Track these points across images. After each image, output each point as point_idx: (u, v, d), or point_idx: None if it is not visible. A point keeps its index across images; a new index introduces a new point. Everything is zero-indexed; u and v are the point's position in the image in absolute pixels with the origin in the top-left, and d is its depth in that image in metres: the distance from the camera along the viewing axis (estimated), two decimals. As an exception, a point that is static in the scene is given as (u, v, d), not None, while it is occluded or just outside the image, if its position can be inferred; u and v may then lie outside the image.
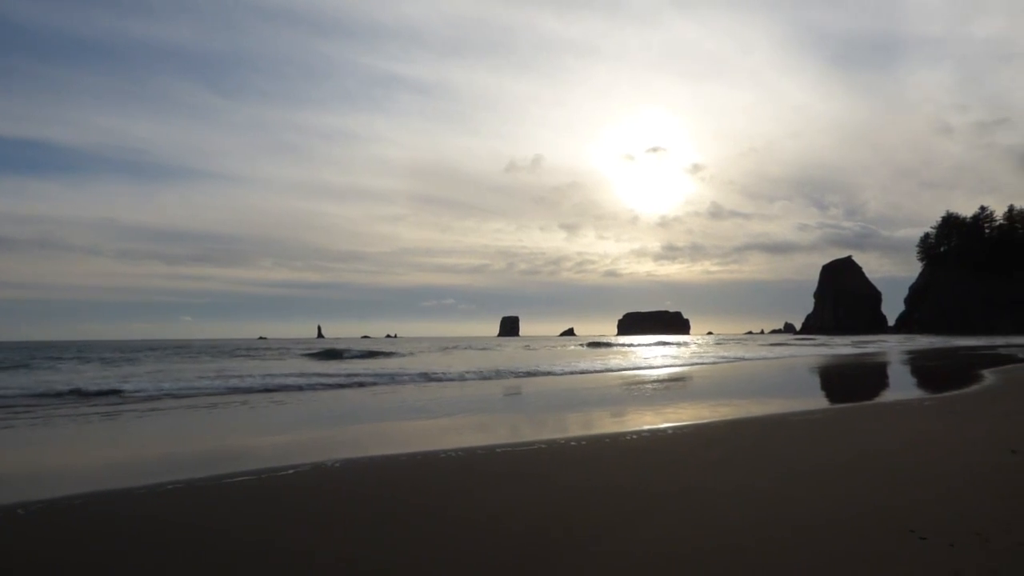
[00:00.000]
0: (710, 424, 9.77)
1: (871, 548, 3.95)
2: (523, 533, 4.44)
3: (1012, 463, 6.30)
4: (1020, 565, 3.58)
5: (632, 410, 12.15)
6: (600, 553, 4.01)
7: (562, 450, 7.62)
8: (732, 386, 18.20)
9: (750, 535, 4.28)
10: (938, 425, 9.08)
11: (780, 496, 5.29)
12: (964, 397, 13.04)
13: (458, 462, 7.02)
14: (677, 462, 6.85)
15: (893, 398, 14.26)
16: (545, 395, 15.80)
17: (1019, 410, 10.48)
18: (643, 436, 8.52)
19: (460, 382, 19.59)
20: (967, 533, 4.15)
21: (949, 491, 5.31)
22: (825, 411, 11.60)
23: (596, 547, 4.13)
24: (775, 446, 7.74)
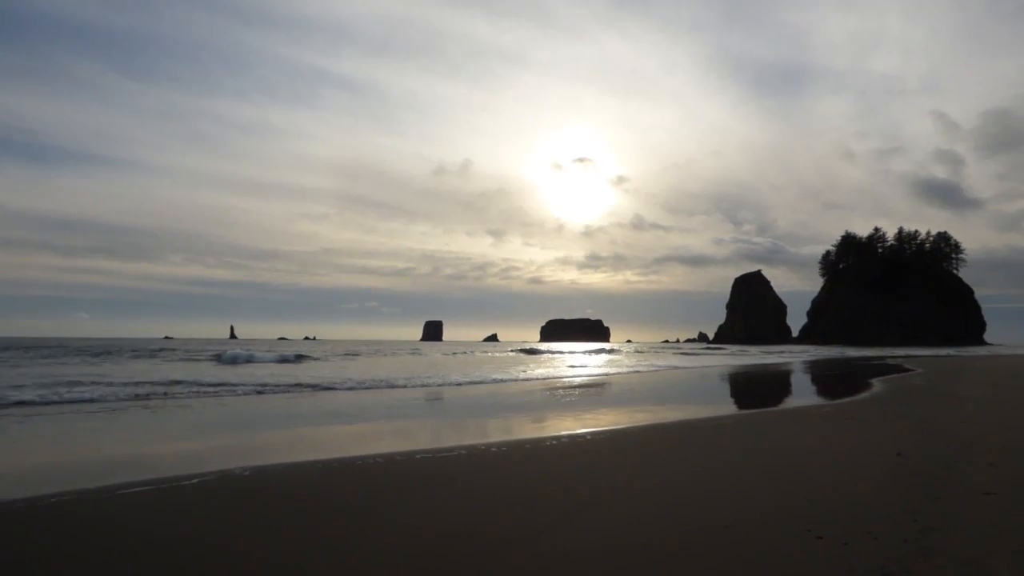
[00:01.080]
0: (627, 430, 10.01)
1: (773, 547, 4.14)
2: (443, 539, 4.36)
3: (898, 465, 6.80)
4: (906, 561, 3.84)
5: (553, 416, 12.28)
6: (523, 555, 4.01)
7: (483, 456, 7.58)
8: (649, 393, 18.77)
9: (663, 535, 4.39)
10: (835, 430, 9.69)
11: (692, 498, 5.47)
12: (856, 404, 14.01)
13: (377, 468, 6.84)
14: (595, 466, 6.96)
15: (795, 405, 15.13)
16: (468, 402, 15.71)
17: (904, 416, 11.36)
18: (563, 441, 8.61)
19: (377, 390, 19.18)
20: (860, 532, 4.42)
21: (844, 492, 5.65)
22: (734, 417, 12.16)
23: (520, 549, 4.12)
24: (688, 450, 8.01)
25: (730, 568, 3.80)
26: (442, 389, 18.92)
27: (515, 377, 24.58)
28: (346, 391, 17.43)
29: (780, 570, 3.76)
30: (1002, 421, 10.44)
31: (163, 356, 41.58)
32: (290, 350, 56.12)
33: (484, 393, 17.70)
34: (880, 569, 3.72)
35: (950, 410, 12.28)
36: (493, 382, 22.14)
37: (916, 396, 15.77)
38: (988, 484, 5.79)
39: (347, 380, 20.89)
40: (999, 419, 10.71)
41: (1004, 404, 13.36)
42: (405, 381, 21.40)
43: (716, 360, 48.09)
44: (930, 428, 9.66)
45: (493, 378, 24.12)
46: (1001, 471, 6.36)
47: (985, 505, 5.12)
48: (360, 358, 43.69)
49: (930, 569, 3.72)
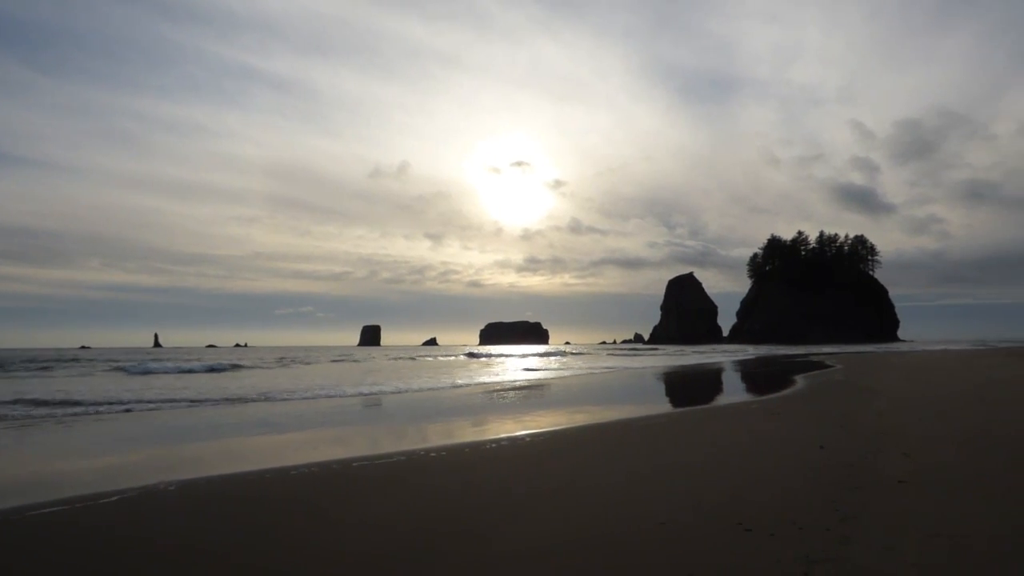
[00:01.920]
0: (566, 430, 10.12)
1: (706, 541, 4.27)
2: (381, 545, 4.28)
3: (821, 457, 7.14)
4: (828, 549, 4.04)
5: (494, 420, 12.28)
6: (465, 556, 3.97)
7: (422, 461, 7.49)
8: (588, 394, 19.05)
9: (602, 533, 4.45)
10: (762, 426, 10.10)
11: (629, 496, 5.57)
12: (781, 400, 14.67)
13: (312, 477, 6.65)
14: (535, 467, 7.00)
15: (725, 402, 15.70)
16: (408, 408, 15.50)
17: (825, 410, 11.97)
18: (502, 444, 8.62)
19: (313, 400, 18.68)
20: (785, 522, 4.61)
21: (771, 485, 5.90)
22: (669, 415, 12.49)
23: (461, 551, 4.09)
24: (625, 450, 8.16)
25: (666, 563, 3.89)
26: (381, 396, 18.59)
27: (456, 382, 24.45)
28: (280, 401, 16.82)
29: (713, 562, 3.88)
30: (914, 413, 11.15)
31: (66, 368, 37.79)
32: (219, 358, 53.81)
33: (425, 399, 17.52)
34: (804, 557, 3.90)
35: (867, 404, 13.02)
36: (432, 389, 21.94)
37: (837, 391, 16.65)
38: (901, 473, 6.17)
39: (277, 390, 20.23)
40: (911, 411, 11.44)
41: (916, 397, 14.27)
42: (342, 388, 20.93)
43: (652, 361, 49.33)
44: (849, 421, 10.21)
45: (434, 384, 23.91)
46: (913, 461, 6.79)
47: (898, 493, 5.45)
48: (295, 365, 42.41)
49: (848, 555, 3.92)
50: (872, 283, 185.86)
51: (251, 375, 30.39)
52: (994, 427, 9.18)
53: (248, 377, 28.47)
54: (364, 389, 20.00)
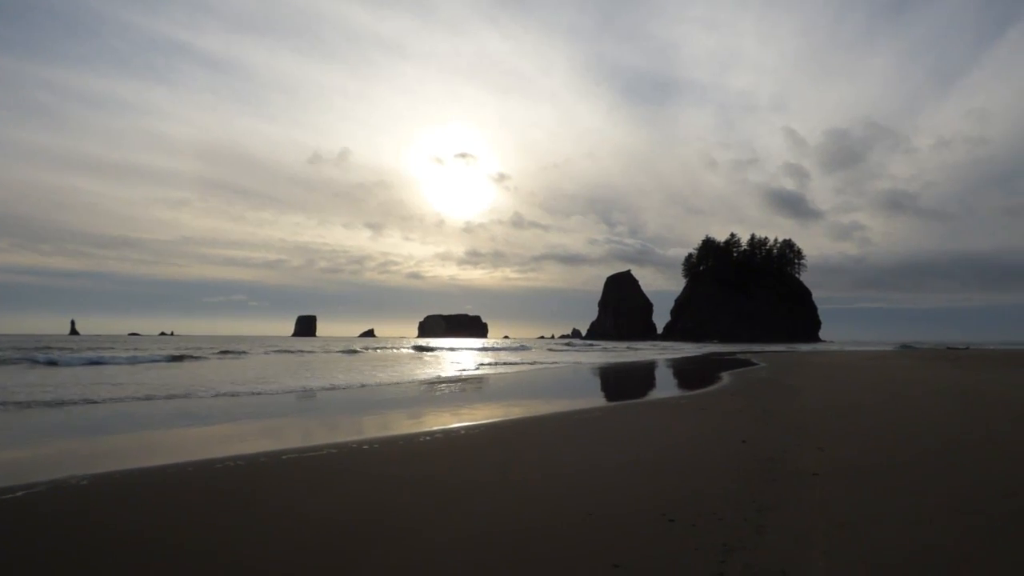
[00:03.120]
0: (501, 423, 10.19)
1: (631, 531, 4.40)
2: (310, 536, 4.20)
3: (743, 451, 7.47)
4: (745, 538, 4.24)
5: (430, 412, 12.23)
6: (396, 549, 3.95)
7: (353, 454, 7.38)
8: (526, 388, 19.22)
9: (532, 524, 4.52)
10: (689, 420, 10.47)
11: (559, 488, 5.67)
12: (709, 395, 15.24)
13: (238, 471, 6.44)
14: (469, 460, 7.02)
15: (656, 397, 16.17)
16: (345, 401, 15.23)
17: (748, 406, 12.52)
18: (437, 437, 8.60)
19: (243, 397, 18.08)
20: (707, 513, 4.81)
21: (695, 478, 6.13)
22: (602, 409, 12.73)
23: (393, 544, 4.05)
24: (557, 442, 8.30)
25: (591, 553, 3.99)
26: (319, 390, 18.17)
27: (397, 376, 24.19)
28: (211, 398, 16.17)
29: (637, 552, 4.00)
30: (829, 409, 11.80)
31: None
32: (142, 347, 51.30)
33: (364, 393, 17.25)
34: (722, 546, 4.08)
35: (788, 400, 13.70)
36: (365, 386, 21.63)
37: (760, 388, 17.42)
38: (816, 466, 6.53)
39: (202, 385, 19.48)
40: (827, 408, 12.10)
41: (832, 395, 15.11)
42: (282, 382, 20.34)
43: (590, 356, 50.22)
44: (771, 417, 10.72)
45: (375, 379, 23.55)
46: (827, 454, 7.19)
47: (812, 485, 5.77)
48: (228, 358, 40.87)
49: (763, 544, 4.13)
50: (798, 285, 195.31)
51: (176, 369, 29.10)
52: (900, 424, 9.83)
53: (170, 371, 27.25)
54: (304, 383, 19.49)
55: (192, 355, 36.66)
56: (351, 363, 31.73)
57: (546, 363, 34.91)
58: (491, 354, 49.66)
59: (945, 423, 9.82)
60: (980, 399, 13.45)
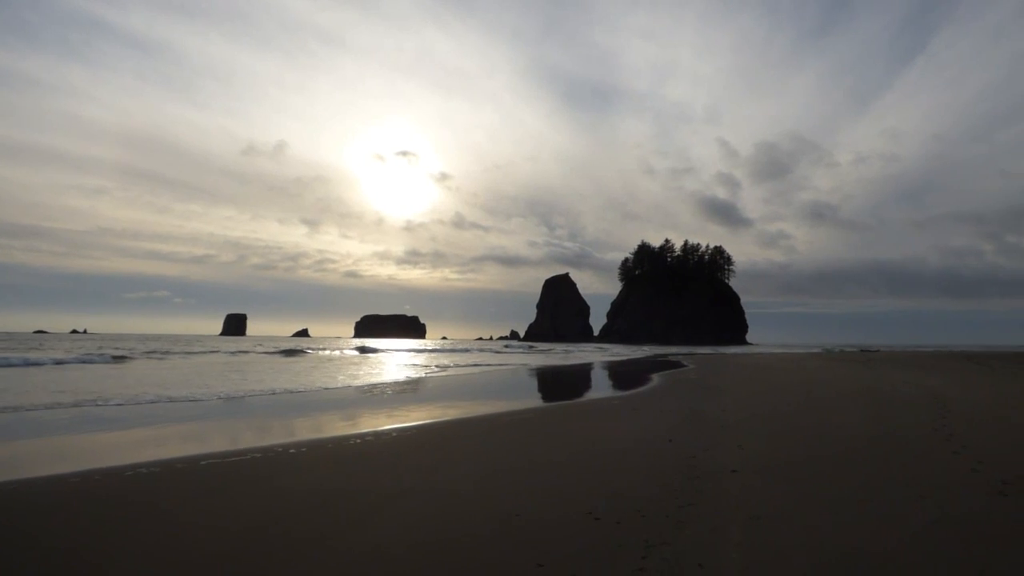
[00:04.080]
0: (434, 425, 10.11)
1: (557, 530, 4.46)
2: (217, 546, 4.03)
3: (668, 450, 7.70)
4: (665, 534, 4.36)
5: (364, 415, 12.00)
6: (323, 554, 3.84)
7: (279, 458, 7.16)
8: (462, 390, 19.16)
9: (463, 526, 4.51)
10: (620, 420, 10.70)
11: (490, 489, 5.68)
12: (639, 396, 15.64)
13: (151, 477, 6.12)
14: (400, 462, 6.93)
15: (590, 398, 16.45)
16: (276, 404, 14.73)
17: (676, 407, 12.91)
18: (367, 440, 8.45)
19: (150, 404, 17.20)
20: (631, 511, 4.93)
21: (622, 476, 6.26)
22: (536, 411, 12.84)
23: (319, 548, 3.95)
24: (490, 444, 8.31)
25: (517, 555, 4.02)
26: (248, 394, 17.51)
27: (334, 378, 23.60)
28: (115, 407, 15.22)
29: (561, 552, 4.06)
30: (750, 409, 12.32)
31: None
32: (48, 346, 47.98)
33: (296, 397, 16.74)
34: (644, 542, 4.19)
35: (713, 400, 14.21)
36: (298, 392, 21.01)
37: (688, 389, 18.01)
38: (735, 463, 6.80)
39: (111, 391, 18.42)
40: (748, 407, 12.63)
41: (754, 394, 15.77)
42: (201, 389, 19.46)
43: (527, 358, 50.57)
44: (696, 416, 11.09)
45: (305, 382, 22.91)
46: (745, 452, 7.50)
47: (730, 481, 6.01)
48: (135, 360, 38.78)
49: (682, 538, 4.27)
50: (727, 290, 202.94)
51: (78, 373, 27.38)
52: (814, 422, 10.36)
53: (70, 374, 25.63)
54: (235, 387, 18.70)
55: (97, 356, 34.33)
56: (289, 365, 30.75)
57: (483, 365, 34.93)
58: (430, 356, 49.25)
59: (854, 421, 10.42)
60: (886, 398, 14.35)
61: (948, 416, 10.76)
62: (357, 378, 22.44)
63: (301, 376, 22.67)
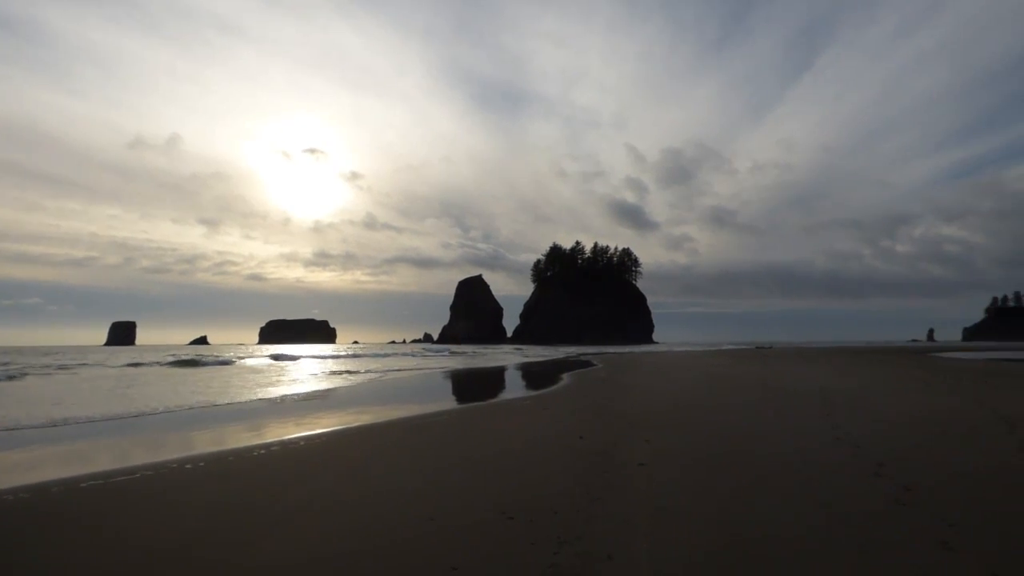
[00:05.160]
0: (345, 431, 9.82)
1: (471, 531, 4.45)
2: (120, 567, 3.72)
3: (579, 446, 7.88)
4: (576, 529, 4.46)
5: (270, 424, 11.45)
6: (222, 572, 3.62)
7: (173, 475, 6.70)
8: (375, 395, 18.71)
9: (375, 532, 4.40)
10: (532, 420, 10.84)
11: (403, 494, 5.58)
12: (551, 395, 15.92)
13: (18, 506, 5.56)
14: (305, 473, 6.67)
15: (503, 398, 16.57)
16: (173, 420, 13.77)
17: (586, 405, 13.25)
18: (272, 451, 8.08)
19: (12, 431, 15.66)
20: (544, 508, 5.00)
21: (535, 475, 6.35)
22: (449, 412, 12.76)
23: (218, 566, 3.72)
24: (402, 448, 8.17)
25: (430, 558, 3.98)
26: (140, 412, 16.26)
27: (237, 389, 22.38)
28: None
29: (475, 553, 4.05)
30: (656, 404, 12.84)
31: None
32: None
33: (198, 411, 15.73)
34: (556, 539, 4.27)
35: (622, 397, 14.69)
36: (196, 408, 19.77)
37: (598, 387, 18.52)
38: (642, 457, 7.06)
39: None
40: (655, 403, 13.16)
41: (659, 391, 16.46)
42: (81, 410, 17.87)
43: (441, 360, 50.20)
44: (606, 413, 11.42)
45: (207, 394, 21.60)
46: (652, 445, 7.81)
47: (637, 474, 6.23)
48: (18, 367, 35.16)
49: (593, 532, 4.38)
50: (635, 291, 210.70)
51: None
52: (715, 415, 10.95)
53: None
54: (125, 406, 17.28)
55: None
56: (187, 376, 28.81)
57: (396, 369, 34.34)
58: (342, 361, 47.80)
59: (751, 413, 11.10)
60: (778, 391, 15.39)
61: (830, 405, 11.69)
62: (263, 387, 21.43)
63: (201, 388, 21.35)
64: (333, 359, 52.63)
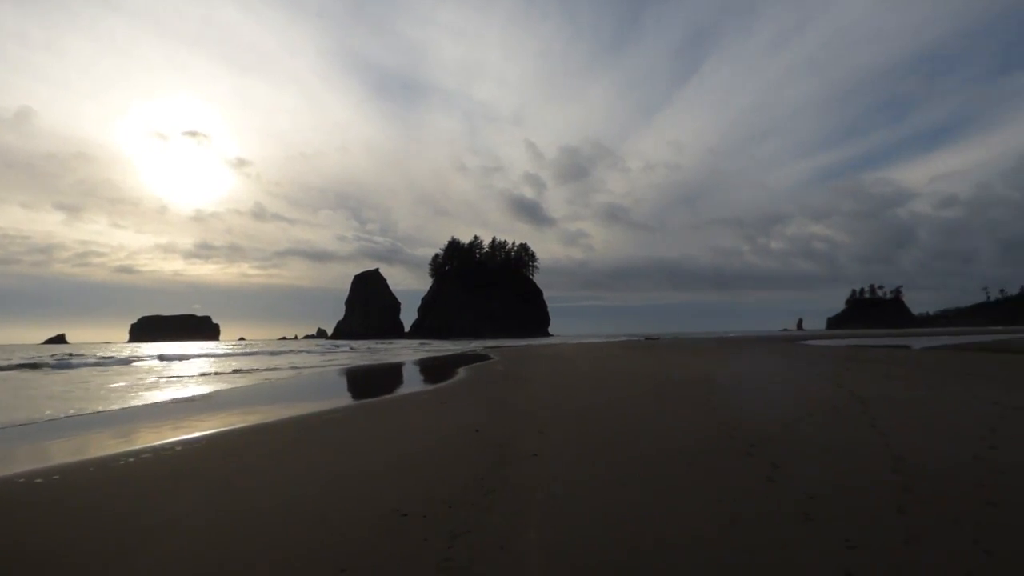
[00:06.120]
0: (229, 433, 9.27)
1: (364, 530, 4.36)
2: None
3: (476, 440, 7.92)
4: (470, 522, 4.48)
5: (142, 429, 10.57)
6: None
7: (21, 490, 6.03)
8: (261, 395, 17.79)
9: (261, 540, 4.20)
10: (429, 414, 10.77)
11: (290, 497, 5.36)
12: (447, 389, 15.90)
13: None
14: (180, 482, 6.23)
15: (401, 394, 16.32)
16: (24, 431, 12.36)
17: (483, 398, 13.36)
18: (143, 458, 7.47)
19: None
20: (439, 503, 4.98)
21: (431, 469, 6.31)
22: (345, 410, 12.39)
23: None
24: (292, 448, 7.83)
25: (317, 562, 3.85)
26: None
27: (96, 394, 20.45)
28: None
29: (367, 553, 3.97)
30: (552, 397, 13.16)
31: None
32: None
33: (56, 421, 14.19)
34: (449, 532, 4.27)
35: (519, 390, 14.93)
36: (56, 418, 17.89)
37: (495, 380, 18.71)
38: (536, 448, 7.21)
39: None
40: (550, 395, 13.47)
41: (554, 383, 16.87)
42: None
43: (335, 356, 48.64)
44: (503, 406, 11.56)
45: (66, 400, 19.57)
46: (546, 436, 7.99)
47: (531, 464, 6.36)
48: None
49: (486, 524, 4.43)
50: (531, 286, 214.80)
51: None
52: (607, 405, 11.38)
53: None
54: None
55: None
56: (37, 381, 25.92)
57: (288, 367, 32.89)
58: (228, 360, 45.04)
59: (641, 402, 11.65)
60: (664, 379, 16.25)
61: (711, 392, 12.50)
62: (133, 391, 19.78)
63: (57, 394, 19.37)
64: (219, 357, 49.60)
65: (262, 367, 31.79)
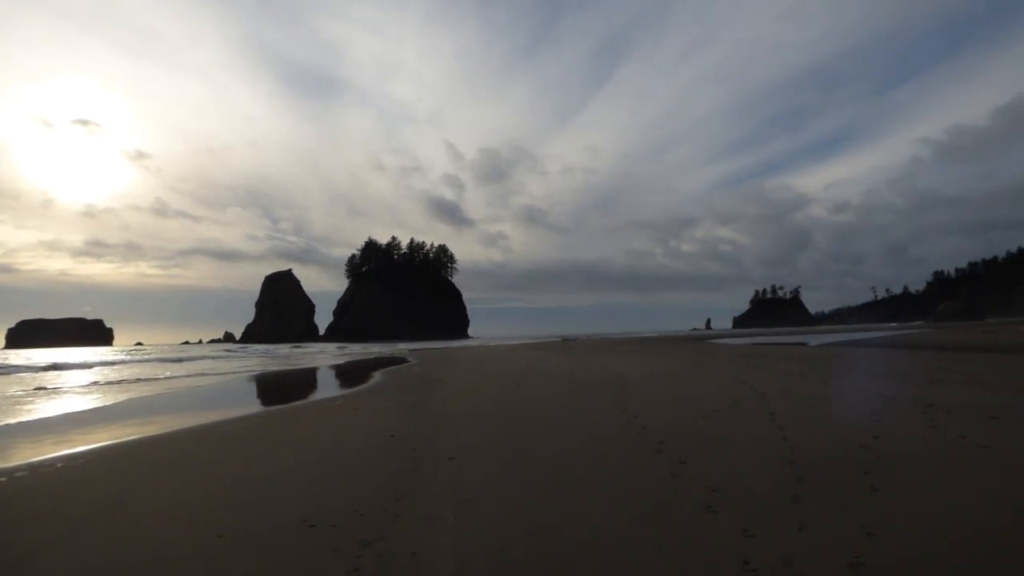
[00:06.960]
0: (120, 446, 8.62)
1: (270, 543, 4.16)
2: None
3: (390, 445, 7.76)
4: (382, 529, 4.37)
5: (18, 446, 9.63)
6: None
7: None
8: (165, 403, 16.67)
9: (164, 553, 3.90)
10: (342, 420, 10.47)
11: (189, 513, 5.04)
12: (362, 394, 15.54)
13: None
14: (61, 503, 5.71)
15: (313, 399, 15.79)
16: None
17: (398, 402, 13.13)
18: (16, 477, 6.80)
19: None
20: (350, 511, 4.84)
21: (342, 477, 6.13)
22: (250, 418, 11.82)
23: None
24: (198, 459, 7.38)
25: (219, 574, 3.63)
26: None
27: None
28: None
29: (272, 566, 3.80)
30: (468, 398, 13.13)
31: None
32: None
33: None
34: (359, 541, 4.15)
35: (435, 393, 14.78)
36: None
37: (411, 383, 18.46)
38: (452, 451, 7.15)
39: None
40: (467, 398, 13.43)
41: (472, 385, 16.85)
42: None
43: (242, 362, 46.40)
44: (419, 410, 11.40)
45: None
46: (462, 439, 7.96)
47: (447, 467, 6.31)
48: None
49: (398, 531, 4.34)
50: (450, 287, 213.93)
51: None
52: (524, 406, 11.47)
53: None
54: None
55: None
56: None
57: (187, 375, 31.03)
58: (124, 367, 41.91)
59: (557, 402, 11.82)
60: (581, 379, 16.59)
61: (623, 391, 12.87)
62: (4, 404, 18.04)
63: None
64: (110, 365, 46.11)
65: (161, 375, 29.83)
